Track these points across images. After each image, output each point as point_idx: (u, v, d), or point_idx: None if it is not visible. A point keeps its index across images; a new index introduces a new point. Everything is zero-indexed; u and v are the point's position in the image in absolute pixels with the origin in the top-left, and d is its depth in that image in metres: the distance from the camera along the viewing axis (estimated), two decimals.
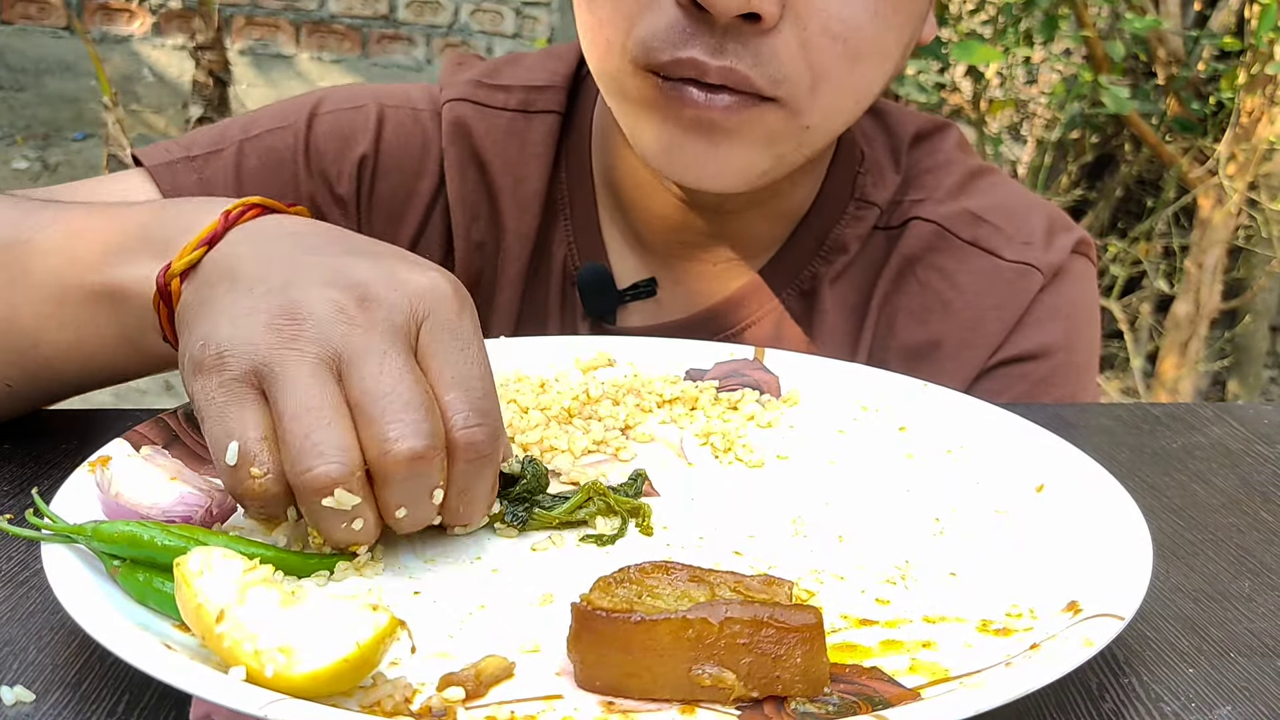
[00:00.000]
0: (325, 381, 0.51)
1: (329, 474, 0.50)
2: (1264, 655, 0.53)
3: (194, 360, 0.53)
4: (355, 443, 0.51)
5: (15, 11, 4.78)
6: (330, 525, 0.51)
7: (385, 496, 0.52)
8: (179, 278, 0.59)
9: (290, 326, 0.52)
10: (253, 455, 0.51)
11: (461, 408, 0.53)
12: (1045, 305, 0.90)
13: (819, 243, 0.92)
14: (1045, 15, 2.87)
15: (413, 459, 0.51)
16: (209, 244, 0.59)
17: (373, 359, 0.52)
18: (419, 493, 0.52)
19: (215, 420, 0.52)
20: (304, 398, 0.50)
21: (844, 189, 0.93)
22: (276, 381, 0.51)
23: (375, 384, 0.51)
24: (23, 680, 0.48)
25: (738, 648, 0.44)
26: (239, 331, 0.53)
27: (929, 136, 0.96)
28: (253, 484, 0.51)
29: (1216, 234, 2.98)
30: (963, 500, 0.63)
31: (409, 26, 4.92)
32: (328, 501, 0.50)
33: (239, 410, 0.51)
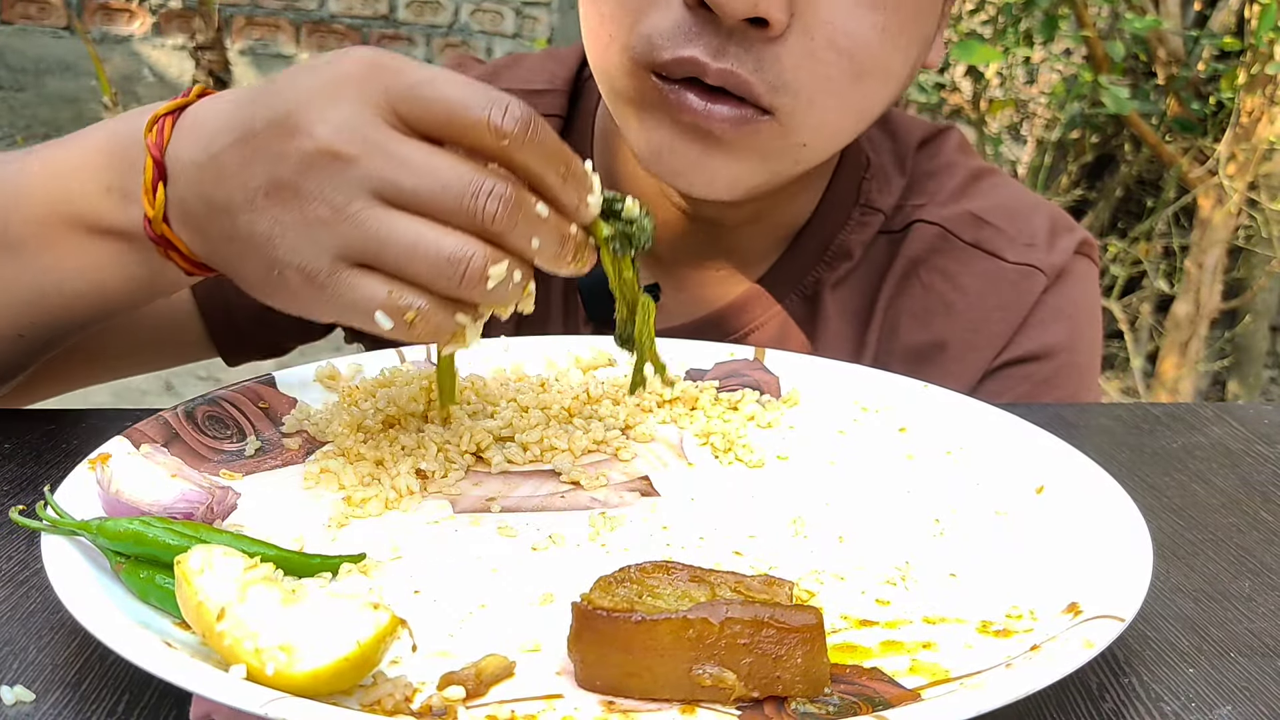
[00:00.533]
0: (390, 213, 0.54)
1: (478, 265, 0.54)
2: (1264, 655, 0.53)
3: (283, 290, 0.56)
4: (462, 233, 0.54)
5: (15, 11, 4.78)
6: (498, 293, 0.55)
7: (515, 244, 0.55)
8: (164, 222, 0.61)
9: (322, 208, 0.54)
10: (395, 305, 0.54)
11: (481, 109, 0.54)
12: (1048, 306, 0.90)
13: (823, 249, 0.92)
14: (1045, 15, 2.87)
15: (504, 202, 0.54)
16: (161, 178, 0.60)
17: (399, 171, 0.54)
18: (531, 219, 0.55)
19: (344, 308, 0.55)
20: (399, 238, 0.54)
21: (849, 195, 0.92)
22: (368, 250, 0.54)
23: (423, 187, 0.54)
24: (23, 680, 0.48)
25: (738, 648, 0.44)
26: (296, 240, 0.55)
27: (931, 140, 0.96)
28: (415, 323, 0.54)
29: (1216, 234, 2.98)
30: (963, 501, 0.63)
31: (409, 26, 4.92)
32: (490, 284, 0.54)
33: (354, 292, 0.54)
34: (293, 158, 0.55)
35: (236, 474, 0.63)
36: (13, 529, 0.59)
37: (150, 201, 0.60)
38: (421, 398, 0.70)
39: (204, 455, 0.64)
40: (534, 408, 0.71)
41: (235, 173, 0.57)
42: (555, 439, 0.68)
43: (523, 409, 0.71)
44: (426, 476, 0.64)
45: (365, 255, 0.54)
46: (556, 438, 0.68)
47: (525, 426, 0.69)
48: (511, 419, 0.69)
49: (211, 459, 0.64)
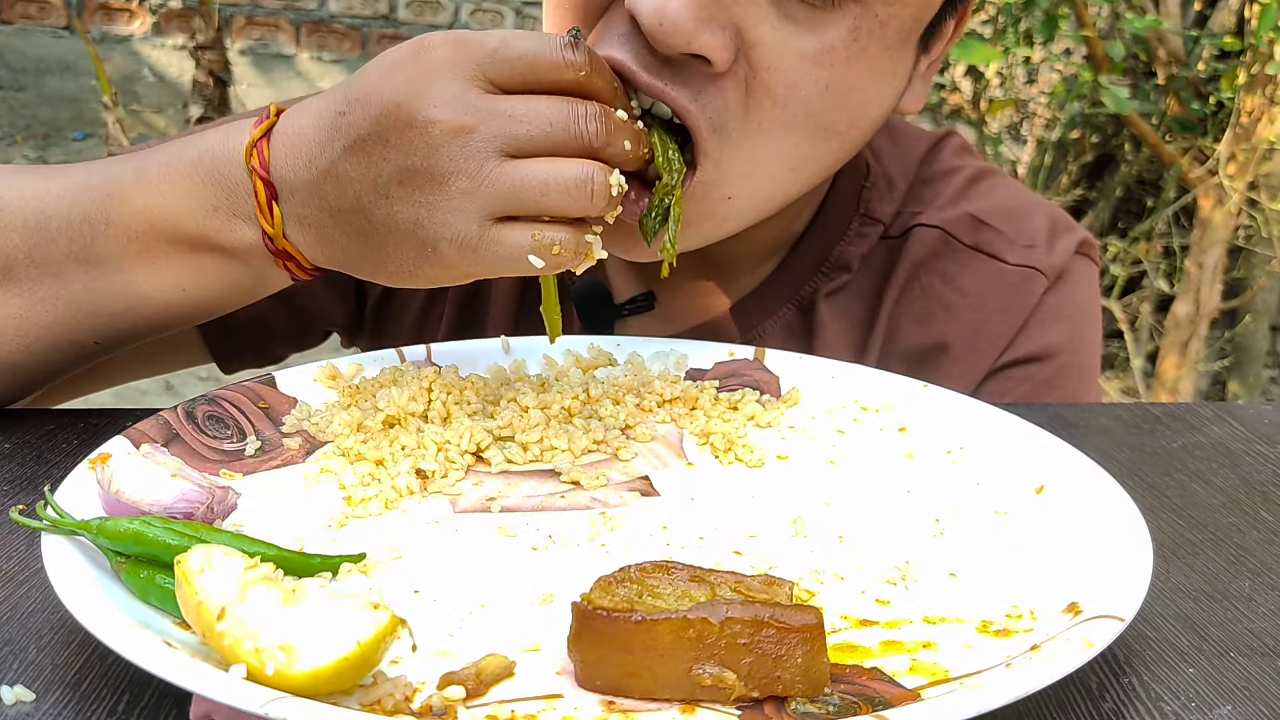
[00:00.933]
0: (516, 163, 0.62)
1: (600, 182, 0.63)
2: (1264, 655, 0.53)
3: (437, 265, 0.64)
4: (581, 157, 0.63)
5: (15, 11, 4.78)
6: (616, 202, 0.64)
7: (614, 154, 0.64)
8: (282, 236, 0.67)
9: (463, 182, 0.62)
10: (542, 243, 0.63)
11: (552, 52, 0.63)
12: (1049, 307, 0.90)
13: (820, 259, 0.91)
14: (1045, 15, 2.87)
15: (605, 129, 0.63)
16: (271, 196, 0.66)
17: (510, 125, 0.62)
18: (622, 132, 0.64)
19: (498, 262, 0.63)
20: (531, 183, 0.62)
21: (848, 205, 0.92)
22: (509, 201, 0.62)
23: (536, 131, 0.62)
24: (23, 680, 0.48)
25: (738, 648, 0.44)
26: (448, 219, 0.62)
27: (932, 148, 0.96)
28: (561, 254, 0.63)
29: (1216, 234, 2.99)
30: (963, 501, 0.63)
31: (409, 26, 4.92)
32: (614, 190, 0.63)
33: (505, 242, 0.63)
34: (418, 144, 0.62)
35: (237, 474, 0.63)
36: (13, 529, 0.59)
37: (268, 220, 0.66)
38: (421, 398, 0.70)
39: (204, 455, 0.64)
40: (534, 408, 0.71)
41: (359, 175, 0.63)
42: (555, 439, 0.68)
43: (523, 409, 0.71)
44: (426, 476, 0.64)
45: (506, 208, 0.61)
46: (556, 438, 0.68)
47: (525, 426, 0.69)
48: (511, 419, 0.69)
49: (212, 459, 0.64)
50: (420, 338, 0.95)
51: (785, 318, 0.91)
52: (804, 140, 0.74)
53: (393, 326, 0.97)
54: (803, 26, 0.70)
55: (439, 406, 0.70)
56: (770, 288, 0.91)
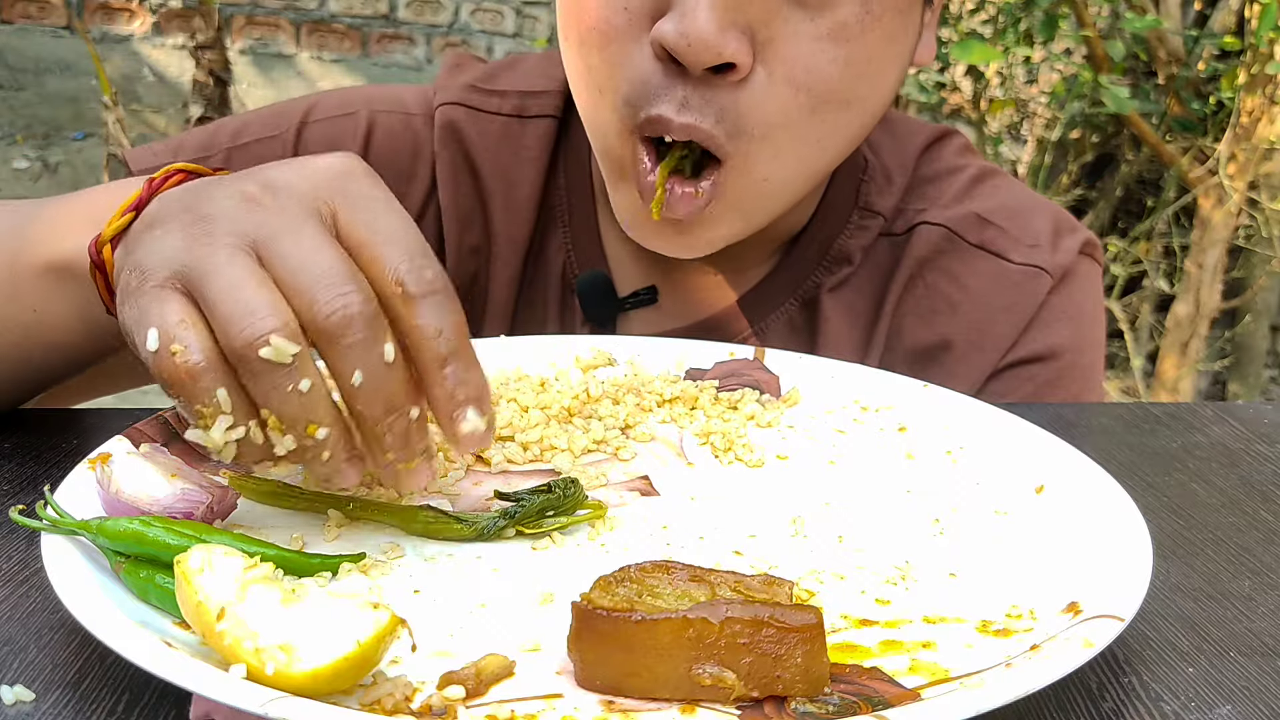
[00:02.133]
0: (246, 262, 0.51)
1: (261, 325, 0.49)
2: (1264, 655, 0.53)
3: (121, 291, 0.53)
4: (284, 303, 0.50)
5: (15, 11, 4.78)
6: (277, 393, 0.50)
7: (335, 363, 0.51)
8: (110, 245, 0.59)
9: (202, 227, 0.52)
10: (171, 335, 0.50)
11: (400, 255, 0.52)
12: (1053, 307, 0.90)
13: (821, 253, 0.92)
14: (1045, 15, 2.87)
15: (346, 315, 0.50)
16: (136, 209, 0.59)
17: (288, 237, 0.52)
18: (368, 349, 0.51)
19: (137, 318, 0.51)
20: (228, 277, 0.50)
21: (847, 198, 0.92)
22: (197, 274, 0.51)
23: (294, 259, 0.51)
24: (23, 680, 0.48)
25: (738, 647, 0.44)
26: (156, 250, 0.52)
27: (933, 145, 0.96)
28: (173, 361, 0.50)
29: (1216, 234, 2.99)
30: (963, 501, 0.63)
31: (409, 26, 4.92)
32: (265, 352, 0.49)
33: (159, 305, 0.51)
34: (223, 192, 0.54)
35: (236, 474, 0.63)
36: (13, 528, 0.59)
37: (111, 221, 0.59)
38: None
39: (203, 455, 0.64)
40: (534, 408, 0.71)
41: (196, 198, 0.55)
42: (555, 439, 0.68)
43: (523, 409, 0.71)
44: None
45: (192, 279, 0.51)
46: (556, 438, 0.68)
47: (525, 426, 0.69)
48: (511, 419, 0.69)
49: (211, 458, 0.64)
50: None
51: (788, 312, 0.91)
52: (829, 116, 0.76)
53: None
54: (813, 10, 0.73)
55: None
56: (773, 282, 0.92)
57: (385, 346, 0.51)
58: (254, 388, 0.50)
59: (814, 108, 0.75)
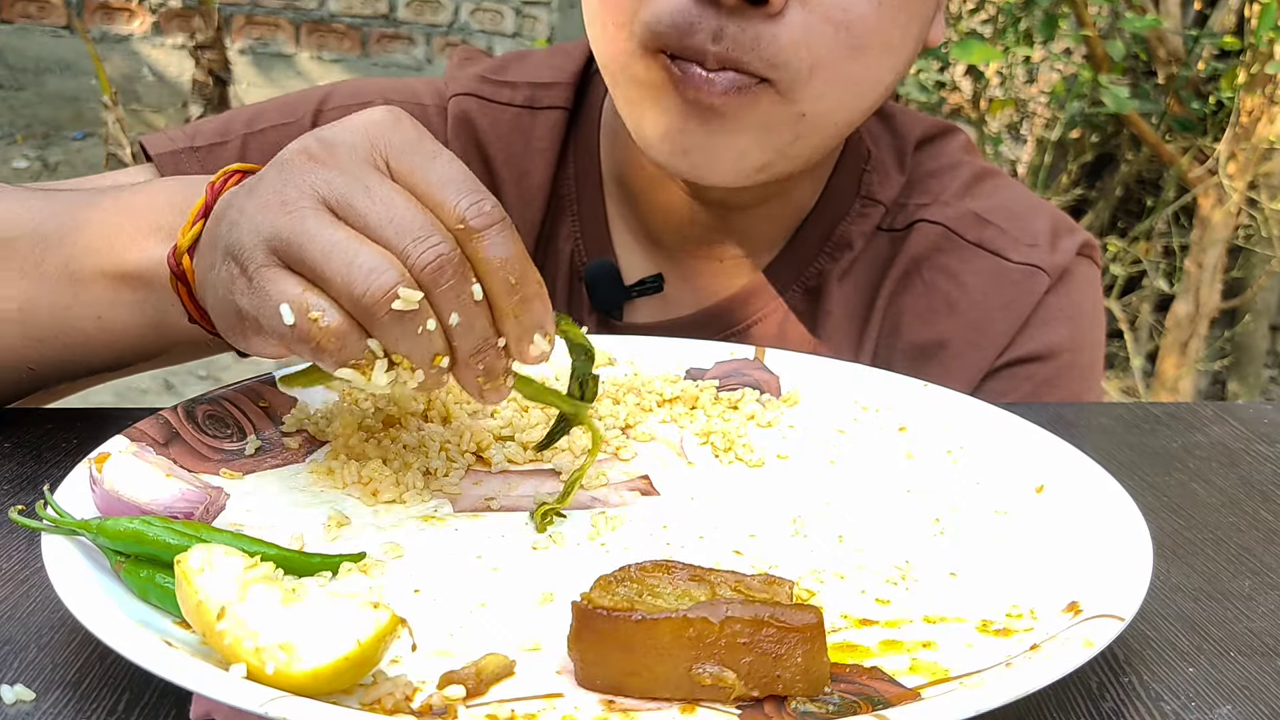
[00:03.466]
0: (333, 222, 0.54)
1: (385, 280, 0.52)
2: (1264, 655, 0.53)
3: (223, 282, 0.56)
4: (391, 256, 0.53)
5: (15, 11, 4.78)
6: (408, 338, 0.54)
7: (435, 305, 0.54)
8: (188, 255, 0.61)
9: (275, 197, 0.55)
10: (304, 304, 0.53)
11: (458, 194, 0.55)
12: (1051, 307, 0.90)
13: (824, 239, 0.92)
14: (1045, 14, 2.87)
15: (440, 261, 0.53)
16: (204, 215, 0.61)
17: (359, 193, 0.54)
18: (461, 292, 0.54)
19: (260, 303, 0.54)
20: (325, 239, 0.53)
21: (850, 186, 0.93)
22: (293, 242, 0.53)
23: (374, 214, 0.54)
24: (23, 679, 0.48)
25: (738, 647, 0.44)
26: (242, 235, 0.55)
27: (934, 140, 0.97)
28: (317, 328, 0.53)
29: (1216, 233, 2.98)
30: (963, 500, 0.63)
31: (409, 25, 4.92)
32: (397, 304, 0.52)
33: (274, 284, 0.54)
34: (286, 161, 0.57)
35: (237, 473, 0.63)
36: (13, 528, 0.59)
37: (185, 231, 0.62)
38: (421, 397, 0.70)
39: (204, 454, 0.64)
40: (534, 408, 0.71)
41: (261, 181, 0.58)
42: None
43: (523, 409, 0.71)
44: (430, 473, 0.64)
45: (290, 250, 0.54)
46: None
47: (525, 426, 0.69)
48: (511, 419, 0.69)
49: (212, 458, 0.64)
50: None
51: (792, 300, 0.92)
52: (869, 60, 0.77)
53: None
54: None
55: (439, 406, 0.70)
56: (777, 270, 0.92)
57: (474, 286, 0.55)
58: (384, 337, 0.54)
59: (854, 47, 0.76)
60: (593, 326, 0.94)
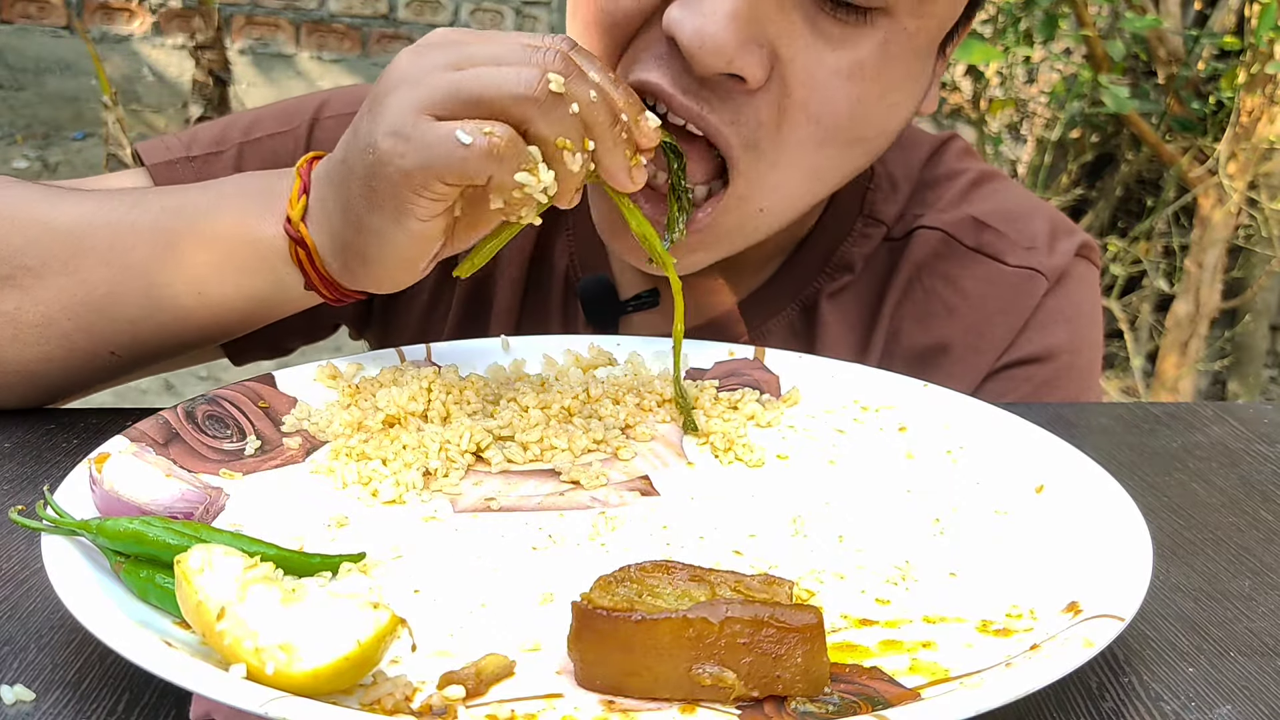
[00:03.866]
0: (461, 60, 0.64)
1: (533, 74, 0.62)
2: (1264, 655, 0.53)
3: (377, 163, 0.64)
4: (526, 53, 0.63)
5: (15, 11, 4.78)
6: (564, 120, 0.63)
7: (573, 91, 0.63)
8: (302, 223, 0.70)
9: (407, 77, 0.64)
10: (476, 127, 0.61)
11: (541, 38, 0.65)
12: (1049, 309, 0.90)
13: (824, 260, 0.92)
14: (1045, 14, 2.87)
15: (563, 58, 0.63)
16: (305, 192, 0.70)
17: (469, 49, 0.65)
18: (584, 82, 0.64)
19: (429, 146, 0.62)
20: (469, 76, 0.63)
21: (852, 206, 0.92)
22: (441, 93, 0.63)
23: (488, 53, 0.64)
24: (23, 679, 0.48)
25: (738, 647, 0.44)
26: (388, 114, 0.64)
27: (936, 150, 0.96)
28: (491, 140, 0.61)
29: (1216, 233, 2.99)
30: (963, 501, 0.63)
31: (409, 26, 4.92)
32: (553, 86, 0.62)
33: (438, 128, 0.62)
34: (387, 75, 0.66)
35: (236, 473, 0.63)
36: (13, 528, 0.59)
37: (292, 205, 0.70)
38: (421, 397, 0.70)
39: (204, 455, 0.64)
40: (534, 408, 0.71)
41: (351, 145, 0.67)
42: (555, 439, 0.68)
43: (523, 409, 0.71)
44: (430, 474, 0.64)
45: (444, 103, 0.62)
46: (556, 437, 0.68)
47: (525, 426, 0.69)
48: (511, 419, 0.69)
49: (212, 459, 0.64)
50: (426, 331, 0.96)
51: (788, 317, 0.92)
52: (834, 152, 0.76)
53: (399, 319, 0.97)
54: (835, 43, 0.72)
55: (439, 406, 0.70)
56: (774, 287, 0.92)
57: (592, 73, 0.65)
58: (545, 126, 0.63)
59: (822, 141, 0.74)
60: None
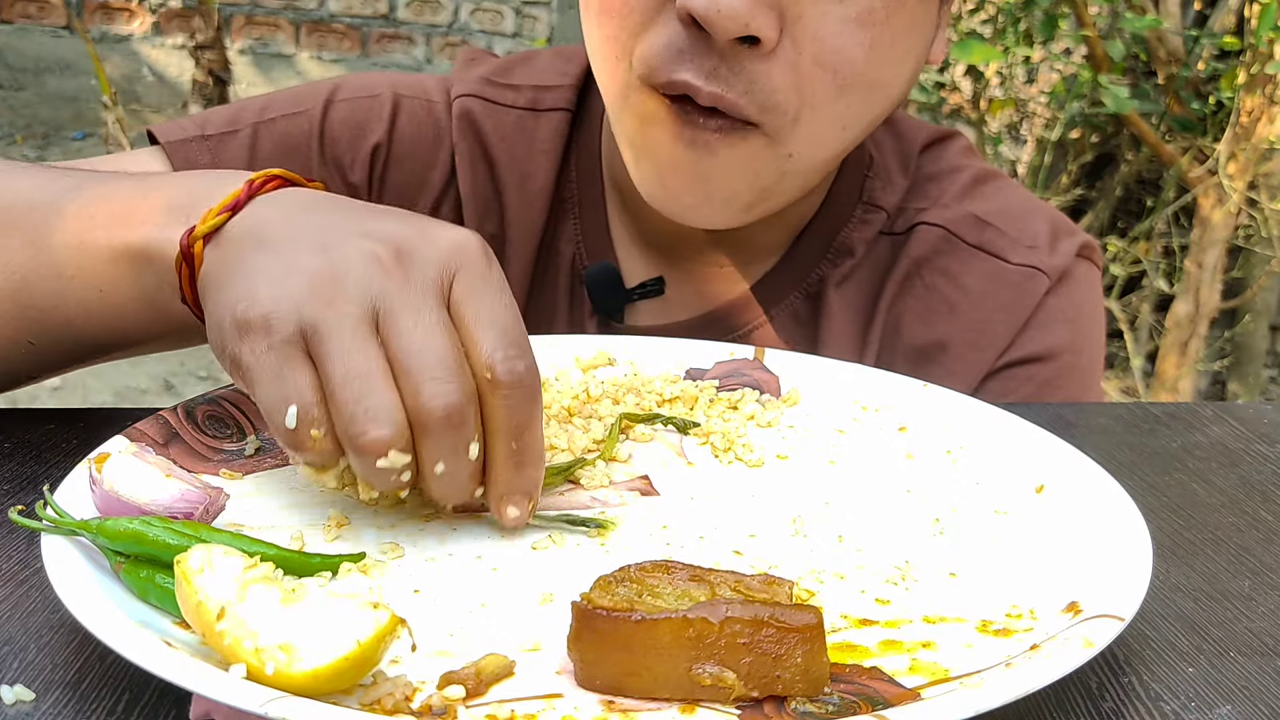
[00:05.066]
0: (368, 343, 0.53)
1: (382, 438, 0.52)
2: (1264, 655, 0.53)
3: (238, 321, 0.54)
4: (400, 404, 0.53)
5: (15, 11, 4.78)
6: (380, 479, 0.54)
7: (424, 451, 0.54)
8: (202, 241, 0.60)
9: (331, 286, 0.54)
10: (312, 418, 0.53)
11: (499, 343, 0.55)
12: (1051, 308, 0.91)
13: (826, 245, 0.93)
14: (1045, 15, 2.87)
15: (448, 412, 0.53)
16: (232, 210, 0.60)
17: (408, 314, 0.54)
18: (456, 446, 0.54)
19: (270, 384, 0.53)
20: (351, 363, 0.52)
21: (852, 192, 0.93)
22: (323, 344, 0.53)
23: (411, 340, 0.53)
24: (23, 679, 0.48)
25: (738, 647, 0.44)
26: (282, 292, 0.54)
27: (936, 144, 0.97)
28: (313, 444, 0.53)
29: (1216, 233, 2.99)
30: (963, 501, 0.63)
31: (409, 26, 4.92)
32: (382, 463, 0.53)
33: (292, 373, 0.53)
34: (374, 236, 0.56)
35: (236, 473, 0.63)
36: (13, 528, 0.59)
37: (208, 217, 0.60)
38: None
39: (204, 455, 0.64)
40: None
41: (312, 228, 0.57)
42: (555, 439, 0.68)
43: None
44: None
45: (315, 345, 0.53)
46: (556, 438, 0.68)
47: None
48: None
49: (211, 459, 0.64)
50: None
51: (794, 305, 0.92)
52: (855, 100, 0.77)
53: None
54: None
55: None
56: (779, 274, 0.93)
57: (472, 446, 0.54)
58: (360, 471, 0.54)
59: (841, 89, 0.76)
60: (593, 329, 0.94)
